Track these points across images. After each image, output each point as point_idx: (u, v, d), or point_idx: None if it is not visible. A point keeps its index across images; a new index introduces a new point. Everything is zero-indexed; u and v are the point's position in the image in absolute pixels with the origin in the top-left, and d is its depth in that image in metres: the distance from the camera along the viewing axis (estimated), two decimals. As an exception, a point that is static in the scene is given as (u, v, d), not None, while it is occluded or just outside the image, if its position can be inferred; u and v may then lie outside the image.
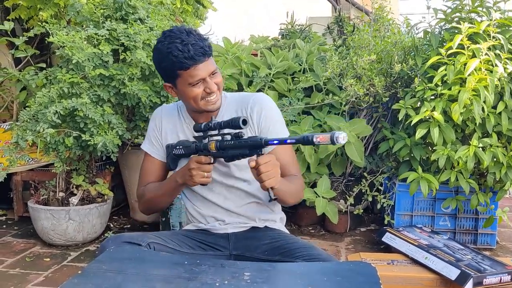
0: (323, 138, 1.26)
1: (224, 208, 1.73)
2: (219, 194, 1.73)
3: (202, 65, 1.58)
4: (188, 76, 1.59)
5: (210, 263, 1.32)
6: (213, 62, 1.64)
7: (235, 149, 1.51)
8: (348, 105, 3.15)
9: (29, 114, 2.74)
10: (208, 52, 1.59)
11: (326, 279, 1.23)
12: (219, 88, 1.66)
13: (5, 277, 2.60)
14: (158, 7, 3.29)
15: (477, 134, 2.85)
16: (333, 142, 1.24)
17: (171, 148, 1.73)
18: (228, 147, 1.52)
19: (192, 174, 1.58)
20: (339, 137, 1.24)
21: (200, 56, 1.57)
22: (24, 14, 3.44)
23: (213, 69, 1.62)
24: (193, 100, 1.64)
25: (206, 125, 1.58)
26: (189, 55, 1.55)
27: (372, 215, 3.70)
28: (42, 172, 3.40)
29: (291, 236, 1.72)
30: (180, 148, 1.69)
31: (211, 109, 1.66)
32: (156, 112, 1.85)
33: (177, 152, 1.71)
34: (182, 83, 1.63)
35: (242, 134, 1.49)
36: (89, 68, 2.74)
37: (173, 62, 1.58)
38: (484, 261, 2.57)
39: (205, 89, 1.62)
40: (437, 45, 2.99)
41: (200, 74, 1.59)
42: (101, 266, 1.27)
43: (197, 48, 1.56)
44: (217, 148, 1.54)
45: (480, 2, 2.99)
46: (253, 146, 1.46)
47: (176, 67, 1.59)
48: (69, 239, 3.04)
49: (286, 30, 4.48)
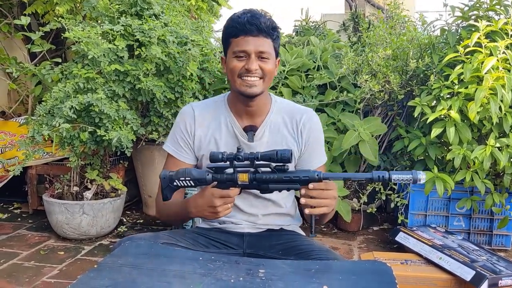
0: (403, 177, 1.26)
1: (247, 213, 1.67)
2: (245, 199, 1.65)
3: (253, 39, 1.50)
4: (235, 44, 1.52)
5: (225, 259, 1.32)
6: (270, 48, 1.53)
7: (280, 183, 1.37)
8: (362, 102, 3.13)
9: (45, 108, 2.76)
10: (263, 28, 1.50)
11: (341, 278, 1.22)
12: (263, 76, 1.54)
13: (20, 269, 2.63)
14: (173, 3, 3.30)
15: (494, 134, 2.82)
16: (415, 182, 1.26)
17: (170, 179, 1.44)
18: (272, 181, 1.37)
19: (217, 211, 1.42)
20: (421, 178, 1.26)
21: (253, 27, 1.49)
22: (41, 8, 3.47)
23: (264, 51, 1.51)
24: (231, 73, 1.54)
25: (232, 156, 1.36)
26: (242, 22, 1.49)
27: (385, 214, 3.67)
28: (57, 166, 3.43)
29: (307, 238, 1.67)
30: (188, 180, 1.43)
31: (244, 92, 1.54)
32: (187, 111, 1.67)
33: (182, 184, 1.44)
34: (229, 53, 1.54)
35: (288, 167, 1.36)
36: (104, 63, 2.75)
37: (229, 26, 1.53)
38: (500, 262, 2.54)
39: (245, 66, 1.51)
40: (454, 43, 2.96)
41: (246, 46, 1.50)
42: (116, 261, 1.27)
43: (254, 19, 1.49)
44: (252, 181, 1.38)
45: (498, 0, 2.96)
46: (307, 182, 1.34)
47: (229, 33, 1.53)
48: (82, 233, 3.06)
49: (300, 27, 4.46)
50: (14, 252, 2.87)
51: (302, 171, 1.37)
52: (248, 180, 1.37)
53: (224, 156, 1.34)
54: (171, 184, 1.44)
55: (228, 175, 1.39)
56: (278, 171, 1.36)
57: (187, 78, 2.97)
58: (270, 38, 1.53)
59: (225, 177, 1.39)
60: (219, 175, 1.40)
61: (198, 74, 3.05)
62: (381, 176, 1.27)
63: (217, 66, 3.19)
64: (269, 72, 1.54)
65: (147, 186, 3.52)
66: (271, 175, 1.36)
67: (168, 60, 2.90)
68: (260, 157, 1.34)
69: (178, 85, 2.99)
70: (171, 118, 3.05)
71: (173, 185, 1.44)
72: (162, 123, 3.10)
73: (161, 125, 3.10)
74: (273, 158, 1.32)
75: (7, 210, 3.69)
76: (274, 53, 1.56)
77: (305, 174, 1.34)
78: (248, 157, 1.34)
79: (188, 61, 2.91)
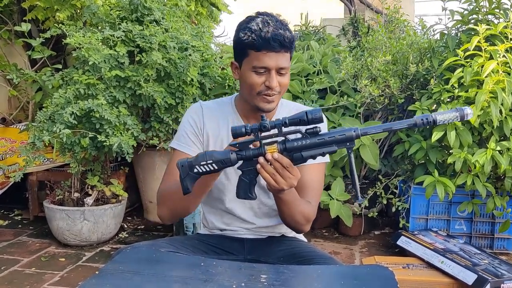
0: (449, 116, 1.16)
1: (249, 222, 1.64)
2: (250, 209, 1.62)
3: (275, 54, 1.44)
4: (255, 59, 1.45)
5: (226, 265, 1.32)
6: (288, 61, 1.48)
7: (315, 149, 1.24)
8: (363, 107, 3.14)
9: (46, 114, 2.76)
10: (286, 45, 1.44)
11: (343, 283, 1.22)
12: (281, 91, 1.50)
13: (21, 276, 2.62)
14: (173, 9, 3.30)
15: (495, 137, 2.82)
16: (462, 119, 1.17)
17: (190, 166, 1.29)
18: (305, 147, 1.24)
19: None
20: (469, 113, 1.17)
21: (276, 44, 1.42)
22: (41, 15, 3.48)
23: (284, 67, 1.47)
24: (249, 88, 1.48)
25: (256, 126, 1.24)
26: (265, 36, 1.42)
27: (386, 218, 3.67)
28: (57, 173, 3.43)
29: (308, 245, 1.66)
30: (210, 163, 1.27)
31: (263, 108, 1.49)
32: (196, 107, 1.64)
33: (204, 169, 1.28)
34: (247, 64, 1.48)
35: (319, 129, 1.25)
36: (105, 69, 2.76)
37: (248, 37, 1.44)
38: (501, 266, 2.54)
39: (265, 82, 1.46)
40: (454, 47, 2.97)
41: (268, 62, 1.44)
42: (118, 267, 1.27)
43: (277, 34, 1.42)
44: (282, 151, 1.26)
45: (497, 4, 2.97)
46: (344, 141, 1.22)
47: (248, 44, 1.45)
48: (83, 239, 3.06)
49: (300, 32, 4.47)
50: (15, 259, 2.87)
51: (336, 130, 1.25)
52: (278, 151, 1.25)
53: (248, 128, 1.24)
54: (192, 172, 1.28)
55: (255, 150, 1.27)
56: (310, 135, 1.25)
57: (187, 84, 2.98)
58: (290, 51, 1.49)
59: (252, 153, 1.27)
60: (244, 151, 1.28)
61: (198, 80, 3.05)
62: (424, 120, 1.18)
63: (217, 71, 3.19)
64: (285, 86, 1.51)
65: (147, 192, 3.51)
66: (303, 141, 1.25)
67: (169, 66, 2.90)
68: (288, 122, 1.24)
69: (179, 91, 2.99)
70: (172, 123, 3.05)
71: (194, 172, 1.28)
72: (163, 129, 3.10)
73: (161, 131, 3.10)
74: (303, 121, 1.22)
75: (7, 217, 3.68)
76: (289, 63, 1.53)
77: (341, 133, 1.22)
78: (275, 124, 1.24)
79: (188, 67, 2.92)
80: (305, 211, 1.49)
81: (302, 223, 1.50)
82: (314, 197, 1.55)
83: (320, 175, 1.59)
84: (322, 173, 1.61)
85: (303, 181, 1.48)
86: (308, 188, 1.54)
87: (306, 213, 1.49)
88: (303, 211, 1.48)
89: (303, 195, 1.52)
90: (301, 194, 1.51)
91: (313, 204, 1.54)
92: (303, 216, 1.48)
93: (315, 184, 1.56)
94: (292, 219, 1.49)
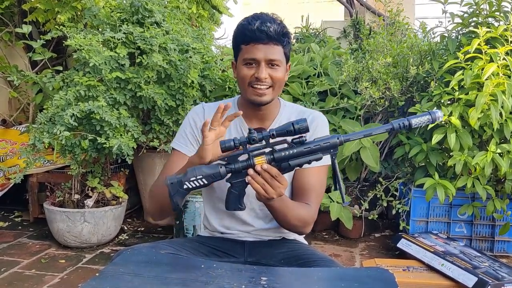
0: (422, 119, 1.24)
1: (250, 224, 1.63)
2: (251, 210, 1.61)
3: (263, 46, 1.48)
4: (246, 52, 1.50)
5: (227, 267, 1.31)
6: (281, 55, 1.51)
7: (301, 157, 1.28)
8: (363, 109, 3.14)
9: (46, 116, 2.76)
10: (273, 36, 1.47)
11: (344, 285, 1.22)
12: (273, 85, 1.52)
13: (21, 278, 2.62)
14: (174, 11, 3.31)
15: (495, 140, 2.82)
16: (434, 121, 1.24)
17: (179, 183, 1.28)
18: (292, 156, 1.28)
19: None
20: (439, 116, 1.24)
21: (263, 35, 1.46)
22: (42, 17, 3.48)
23: (274, 59, 1.49)
24: (242, 81, 1.53)
25: (245, 140, 1.27)
26: (251, 29, 1.47)
27: (386, 220, 3.67)
28: (57, 174, 3.42)
29: (309, 247, 1.66)
30: (200, 179, 1.28)
31: (254, 101, 1.53)
32: (198, 108, 1.65)
33: (193, 185, 1.28)
34: (239, 59, 1.53)
35: (305, 138, 1.29)
36: (105, 71, 2.76)
37: (239, 32, 1.51)
38: (502, 268, 2.54)
39: (254, 74, 1.50)
40: (454, 50, 2.97)
41: (256, 54, 1.48)
42: (118, 269, 1.26)
43: (264, 26, 1.46)
44: (270, 162, 1.28)
45: (498, 7, 2.97)
46: (329, 148, 1.27)
47: (239, 39, 1.52)
48: (83, 241, 3.05)
49: (300, 34, 4.48)
50: (15, 260, 2.86)
51: (321, 139, 1.29)
52: (266, 161, 1.28)
53: (236, 142, 1.27)
54: (181, 188, 1.28)
55: (243, 162, 1.29)
56: (296, 145, 1.28)
57: (188, 86, 2.98)
58: (281, 44, 1.51)
59: (241, 166, 1.30)
60: (233, 164, 1.30)
61: (199, 82, 3.05)
62: (401, 124, 1.24)
63: (218, 74, 3.19)
64: (278, 80, 1.52)
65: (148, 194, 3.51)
66: (290, 150, 1.28)
67: (169, 68, 2.90)
68: (275, 134, 1.28)
69: (179, 93, 2.99)
70: (172, 125, 3.05)
71: (183, 188, 1.28)
72: (163, 131, 3.10)
73: (162, 133, 3.10)
74: (290, 131, 1.26)
75: (8, 219, 3.68)
76: (284, 59, 1.54)
77: (326, 140, 1.27)
78: (262, 137, 1.27)
79: (189, 69, 2.92)
80: (300, 215, 1.49)
81: (299, 226, 1.51)
82: (314, 200, 1.55)
83: (321, 177, 1.59)
84: (324, 175, 1.61)
85: (304, 184, 1.49)
86: (309, 191, 1.54)
87: (302, 217, 1.49)
88: (299, 215, 1.48)
89: (303, 197, 1.52)
90: (301, 197, 1.52)
91: (313, 207, 1.54)
92: (299, 220, 1.49)
93: (316, 186, 1.56)
94: (287, 224, 1.50)
